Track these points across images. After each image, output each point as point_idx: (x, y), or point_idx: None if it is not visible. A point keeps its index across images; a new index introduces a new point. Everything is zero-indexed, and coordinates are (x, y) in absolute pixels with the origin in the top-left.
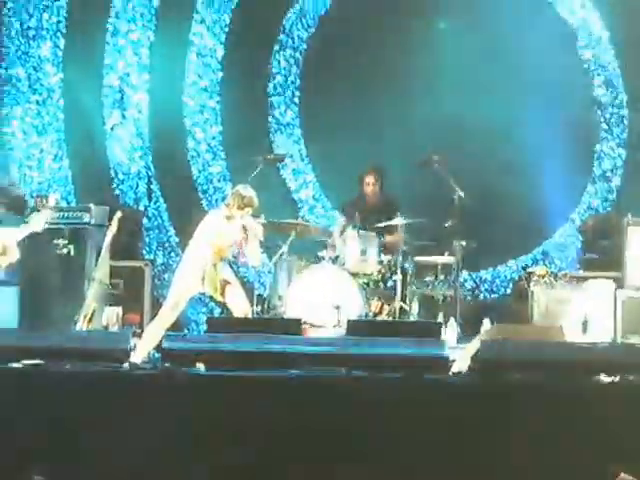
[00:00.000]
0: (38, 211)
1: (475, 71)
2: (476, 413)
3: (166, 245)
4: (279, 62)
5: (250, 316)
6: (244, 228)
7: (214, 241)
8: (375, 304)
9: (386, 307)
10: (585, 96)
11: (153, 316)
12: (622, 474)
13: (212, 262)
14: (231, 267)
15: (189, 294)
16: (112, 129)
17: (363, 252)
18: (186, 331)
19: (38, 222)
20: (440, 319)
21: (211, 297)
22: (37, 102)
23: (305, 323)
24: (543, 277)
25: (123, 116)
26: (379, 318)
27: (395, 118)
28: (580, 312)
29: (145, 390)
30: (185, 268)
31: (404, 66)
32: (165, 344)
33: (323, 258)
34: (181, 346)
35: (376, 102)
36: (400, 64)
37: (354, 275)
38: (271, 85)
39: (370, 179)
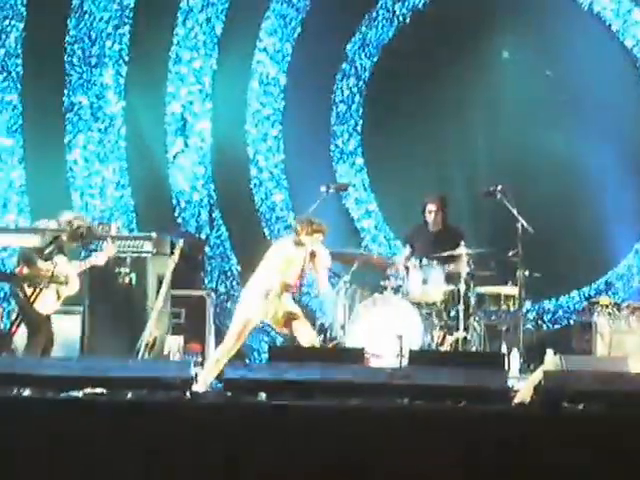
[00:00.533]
0: (101, 242)
1: (537, 103)
2: (538, 444)
3: (228, 274)
4: (342, 91)
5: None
6: (312, 254)
7: (282, 268)
8: (437, 334)
9: (448, 337)
10: None
11: (215, 345)
12: None
13: (277, 293)
14: (293, 298)
15: (253, 322)
16: (174, 157)
17: (425, 282)
18: (248, 360)
19: (101, 257)
20: (503, 349)
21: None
22: (99, 130)
23: (367, 353)
24: (607, 308)
25: (186, 144)
26: (441, 348)
27: (458, 149)
28: None
29: (207, 419)
30: (250, 296)
31: (467, 98)
32: (227, 373)
33: (385, 288)
34: (243, 375)
35: (439, 132)
36: (463, 96)
37: (416, 305)
38: (334, 114)
39: (432, 207)
